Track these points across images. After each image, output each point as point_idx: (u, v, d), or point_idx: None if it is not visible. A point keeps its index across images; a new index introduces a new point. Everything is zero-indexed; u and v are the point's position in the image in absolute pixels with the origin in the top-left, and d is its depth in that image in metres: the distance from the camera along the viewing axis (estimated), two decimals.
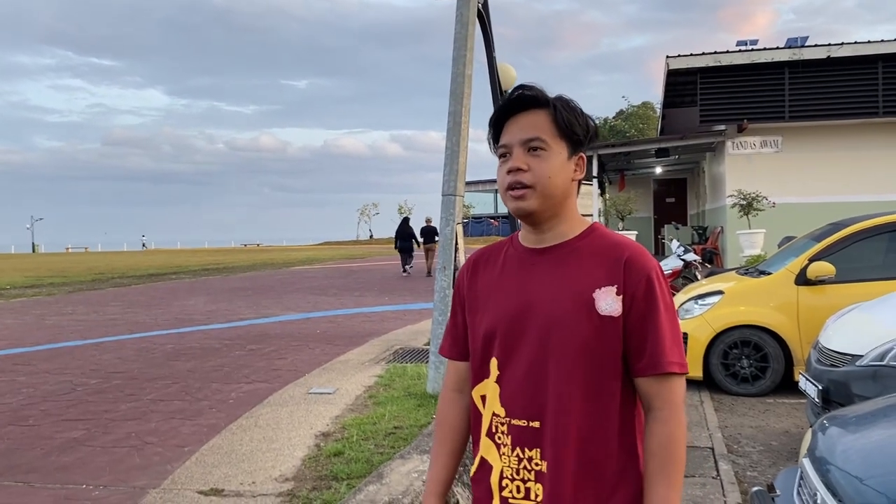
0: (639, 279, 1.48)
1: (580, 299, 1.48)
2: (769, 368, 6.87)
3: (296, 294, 16.18)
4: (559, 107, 1.53)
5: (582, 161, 1.59)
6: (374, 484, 3.50)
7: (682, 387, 1.51)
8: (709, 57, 15.44)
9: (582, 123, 1.55)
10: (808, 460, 2.82)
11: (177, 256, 41.13)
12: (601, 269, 1.50)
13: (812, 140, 15.49)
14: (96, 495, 4.00)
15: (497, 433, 1.55)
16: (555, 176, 1.52)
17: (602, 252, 1.52)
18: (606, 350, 1.48)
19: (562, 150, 1.53)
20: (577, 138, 1.55)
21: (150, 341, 9.45)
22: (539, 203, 1.52)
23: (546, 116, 1.53)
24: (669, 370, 1.48)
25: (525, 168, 1.52)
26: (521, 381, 1.52)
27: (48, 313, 13.10)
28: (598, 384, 1.48)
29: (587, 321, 1.47)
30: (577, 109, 1.57)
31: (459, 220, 6.19)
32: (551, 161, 1.52)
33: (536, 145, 1.51)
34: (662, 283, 1.52)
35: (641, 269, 1.49)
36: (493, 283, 1.61)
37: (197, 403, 5.99)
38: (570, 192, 1.57)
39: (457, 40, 6.25)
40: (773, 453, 5.24)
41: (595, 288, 1.48)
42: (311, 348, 8.62)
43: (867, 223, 6.97)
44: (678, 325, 1.53)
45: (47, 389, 6.67)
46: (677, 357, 1.49)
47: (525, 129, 1.53)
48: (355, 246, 56.60)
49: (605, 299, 1.48)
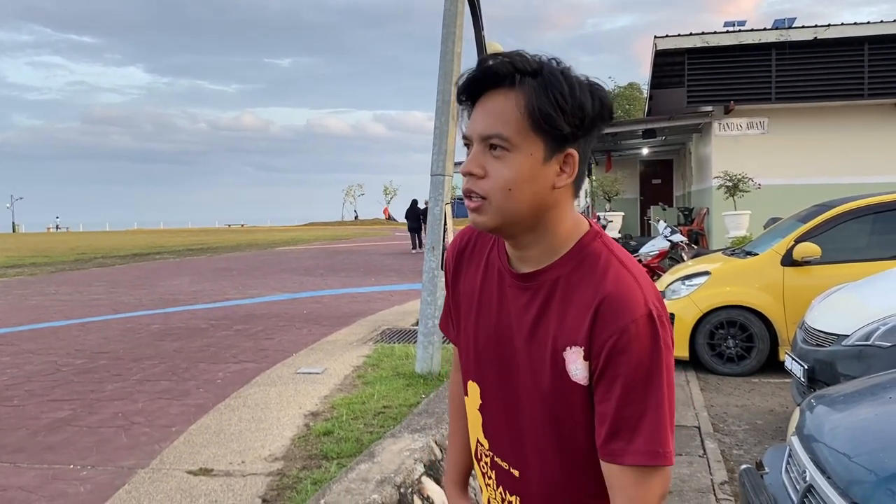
0: (606, 336, 1.13)
1: (553, 357, 1.19)
2: (754, 348, 6.94)
3: (281, 274, 16.12)
4: (531, 88, 1.13)
5: (572, 159, 1.17)
6: (365, 463, 3.50)
7: (659, 483, 1.15)
8: (696, 37, 15.42)
9: (572, 108, 1.13)
10: (796, 438, 2.85)
11: (160, 236, 40.84)
12: (575, 317, 1.18)
13: (798, 122, 15.56)
14: (84, 475, 3.98)
15: (482, 461, 1.41)
16: (519, 187, 1.14)
17: (582, 289, 1.18)
18: (580, 421, 1.20)
19: (534, 150, 1.14)
20: (558, 132, 1.13)
21: (136, 321, 9.38)
22: (497, 220, 1.17)
23: (515, 101, 1.13)
24: (630, 462, 1.13)
25: (480, 173, 1.16)
26: (501, 423, 1.33)
27: (30, 293, 12.97)
28: (579, 450, 1.23)
29: (561, 385, 1.19)
30: (563, 87, 1.13)
31: (448, 201, 6.17)
32: (515, 166, 1.14)
33: (496, 143, 1.14)
34: (643, 337, 1.12)
35: (613, 319, 1.13)
36: (474, 294, 1.35)
37: (184, 383, 5.96)
38: (549, 203, 1.18)
39: (446, 17, 6.20)
40: (758, 432, 5.30)
41: (566, 345, 1.18)
42: (298, 328, 8.60)
43: (853, 205, 7.02)
44: (664, 392, 1.14)
45: (31, 370, 6.61)
46: (647, 444, 1.12)
47: (486, 120, 1.15)
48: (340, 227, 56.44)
49: (574, 363, 1.17)
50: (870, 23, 14.86)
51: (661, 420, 1.13)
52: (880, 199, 6.99)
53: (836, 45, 14.94)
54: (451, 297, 1.45)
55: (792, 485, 2.68)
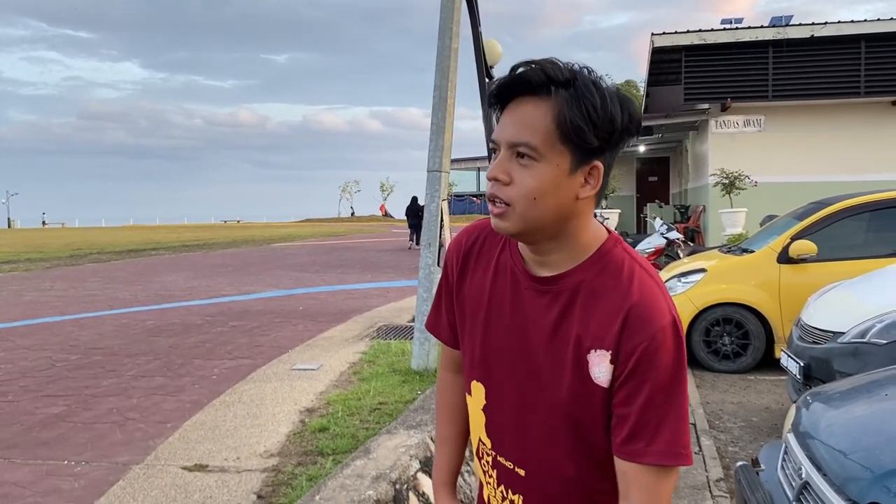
0: (635, 342, 1.17)
1: (576, 358, 1.22)
2: (750, 346, 6.94)
3: (277, 271, 16.10)
4: (563, 99, 1.14)
5: (597, 171, 1.18)
6: (361, 459, 3.49)
7: (670, 481, 1.19)
8: (694, 35, 15.43)
9: (602, 121, 1.13)
10: (792, 435, 2.85)
11: (156, 232, 40.75)
12: (602, 321, 1.20)
13: (794, 119, 15.58)
14: (78, 471, 3.96)
15: (483, 459, 1.41)
16: (544, 196, 1.16)
17: (607, 295, 1.20)
18: (600, 419, 1.23)
19: (561, 161, 1.15)
20: (586, 146, 1.15)
21: (131, 317, 9.36)
22: (520, 227, 1.19)
23: (546, 111, 1.14)
24: (651, 461, 1.17)
25: (506, 180, 1.18)
26: (508, 423, 1.33)
27: (25, 289, 12.93)
28: (591, 451, 1.25)
29: (582, 386, 1.22)
30: (596, 100, 1.13)
31: (445, 197, 6.16)
32: (540, 176, 1.15)
33: (524, 152, 1.15)
34: (669, 346, 1.16)
35: (642, 328, 1.16)
36: (483, 296, 1.35)
37: (179, 380, 5.94)
38: (572, 213, 1.20)
39: (443, 13, 6.18)
40: (753, 429, 5.31)
41: (591, 348, 1.20)
42: (293, 325, 8.59)
43: (849, 202, 7.03)
44: (683, 401, 1.19)
45: (26, 365, 6.59)
46: (669, 444, 1.17)
47: (515, 128, 1.16)
48: (337, 223, 56.39)
49: (599, 366, 1.20)
50: (866, 21, 14.89)
51: (683, 422, 1.19)
52: (876, 197, 7.00)
53: (832, 43, 14.96)
54: (455, 297, 1.42)
55: (788, 482, 2.68)
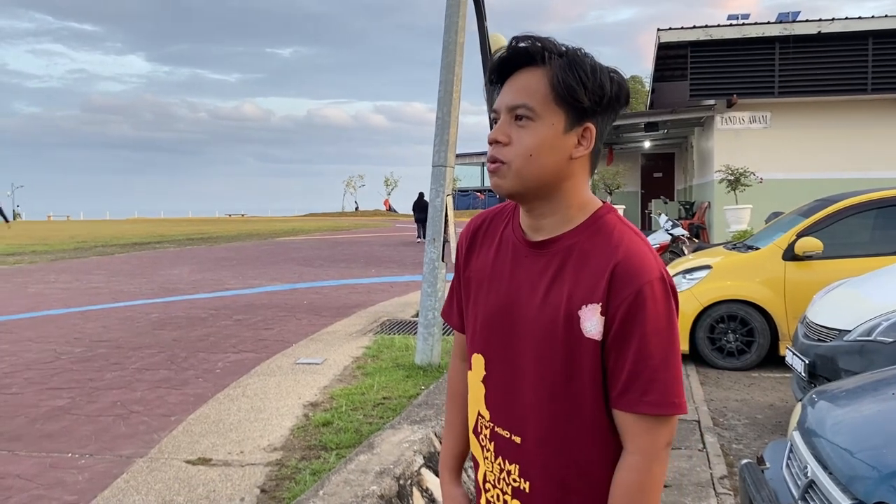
0: (624, 295, 1.22)
1: (567, 316, 1.27)
2: (755, 343, 6.92)
3: (282, 265, 16.11)
4: (557, 65, 1.25)
5: (589, 133, 1.28)
6: (364, 454, 3.49)
7: (667, 430, 1.25)
8: (700, 30, 15.36)
9: (593, 85, 1.25)
10: (797, 433, 2.84)
11: (160, 226, 40.80)
12: (592, 278, 1.26)
13: (801, 116, 15.51)
14: (82, 464, 3.97)
15: (481, 434, 1.44)
16: (540, 153, 1.26)
17: (597, 255, 1.27)
18: (590, 377, 1.27)
19: (556, 121, 1.26)
20: (579, 105, 1.25)
21: (135, 310, 9.37)
22: (516, 184, 1.28)
23: (542, 76, 1.26)
24: (650, 411, 1.23)
25: (505, 141, 1.28)
26: (505, 390, 1.37)
27: (30, 281, 12.96)
28: (582, 413, 1.29)
29: (571, 342, 1.27)
30: (587, 67, 1.25)
31: (450, 192, 6.14)
32: (537, 134, 1.26)
33: (522, 113, 1.26)
34: (658, 297, 1.23)
35: (630, 281, 1.22)
36: (486, 269, 1.42)
37: (183, 373, 5.95)
38: (566, 172, 1.29)
39: (449, 8, 6.15)
40: (758, 426, 5.29)
41: (582, 304, 1.25)
42: (297, 319, 8.59)
43: (855, 199, 6.99)
44: (675, 349, 1.25)
45: (30, 358, 6.60)
46: (662, 395, 1.22)
47: (514, 93, 1.28)
48: (341, 217, 56.39)
49: (590, 319, 1.25)
50: (874, 17, 14.80)
51: (675, 373, 1.25)
52: (883, 195, 6.96)
53: (839, 40, 14.87)
54: (462, 276, 1.49)
55: (793, 480, 2.67)
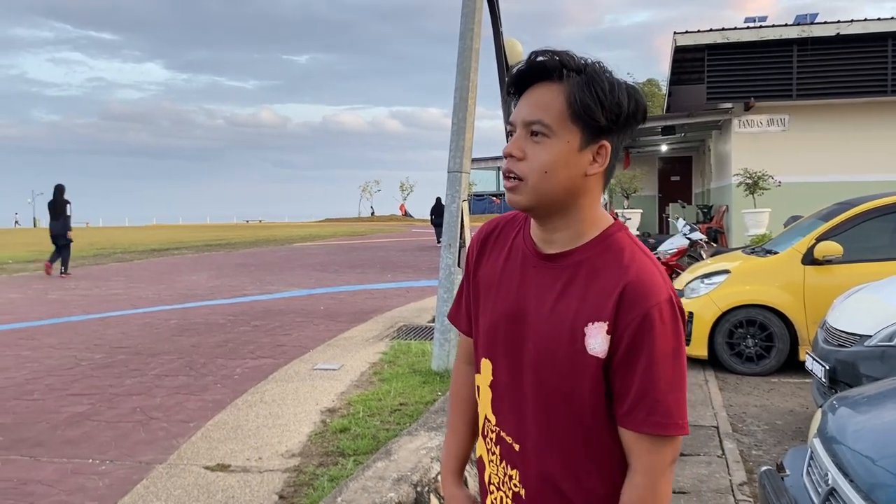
0: (633, 316, 1.23)
1: (572, 331, 1.28)
2: (774, 348, 6.86)
3: (299, 270, 16.18)
4: (575, 82, 1.26)
5: (604, 150, 1.29)
6: (382, 460, 3.49)
7: (671, 449, 1.27)
8: (717, 33, 15.27)
9: (610, 104, 1.25)
10: (818, 440, 2.81)
11: (179, 232, 41.11)
12: (600, 296, 1.27)
13: (819, 119, 15.37)
14: (103, 470, 4.01)
15: (488, 437, 1.46)
16: (554, 170, 1.26)
17: (607, 273, 1.28)
18: (591, 393, 1.28)
19: (571, 138, 1.26)
20: (595, 124, 1.26)
21: (154, 316, 9.45)
22: (531, 200, 1.29)
23: (559, 93, 1.26)
24: (653, 432, 1.24)
25: (520, 156, 1.29)
26: (509, 397, 1.39)
27: (51, 288, 13.11)
28: (581, 428, 1.30)
29: (575, 358, 1.28)
30: (605, 85, 1.26)
31: (465, 197, 6.15)
32: (552, 151, 1.26)
33: (537, 129, 1.27)
34: (666, 320, 1.24)
35: (639, 302, 1.24)
36: (495, 275, 1.43)
37: (202, 379, 5.99)
38: (580, 189, 1.30)
39: (464, 14, 6.17)
40: (777, 432, 5.25)
41: (589, 321, 1.26)
42: (315, 324, 8.62)
43: (875, 203, 6.92)
44: (682, 370, 1.27)
45: (52, 364, 6.68)
46: (667, 416, 1.24)
47: (530, 108, 1.28)
48: (357, 223, 56.54)
49: (596, 337, 1.26)
50: (893, 18, 14.64)
51: (681, 395, 1.26)
52: None
53: (858, 41, 14.73)
54: (472, 281, 1.50)
55: (814, 487, 2.64)
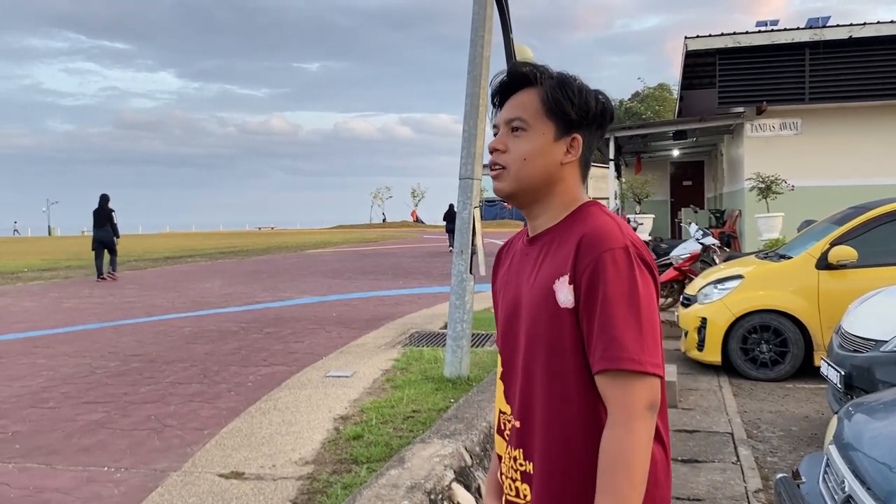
0: (587, 262, 1.35)
1: (546, 292, 1.40)
2: (788, 353, 6.82)
3: (311, 277, 16.22)
4: (547, 84, 1.46)
5: (577, 142, 1.48)
6: (395, 468, 3.49)
7: (642, 389, 1.31)
8: (728, 38, 15.22)
9: (579, 102, 1.45)
10: (834, 447, 2.79)
11: (192, 239, 41.33)
12: (563, 254, 1.40)
13: (832, 122, 15.28)
14: (118, 477, 4.03)
15: (505, 431, 1.54)
16: (532, 158, 1.45)
17: (572, 236, 1.41)
18: (569, 347, 1.38)
19: (546, 131, 1.45)
20: (567, 118, 1.45)
21: (168, 324, 9.50)
22: (513, 186, 1.47)
23: (535, 94, 1.47)
24: (610, 367, 1.31)
25: (502, 149, 1.48)
26: (515, 379, 1.49)
27: (65, 296, 13.20)
28: (568, 386, 1.38)
29: (551, 316, 1.39)
30: (574, 87, 1.46)
31: (477, 204, 6.15)
32: (530, 142, 1.45)
33: (517, 125, 1.47)
34: (620, 264, 1.34)
35: (591, 250, 1.36)
36: (504, 277, 1.59)
37: (215, 386, 6.02)
38: (557, 176, 1.47)
39: (475, 21, 6.18)
40: (793, 439, 5.21)
41: (555, 277, 1.40)
42: (327, 331, 8.64)
43: (890, 206, 6.87)
44: (640, 312, 1.33)
45: (67, 372, 6.72)
46: (621, 351, 1.30)
47: (510, 109, 1.48)
48: (369, 229, 56.66)
49: (562, 290, 1.38)
50: None
51: (638, 335, 1.31)
52: None
53: (871, 44, 14.63)
54: (492, 288, 1.67)
55: (830, 495, 2.62)
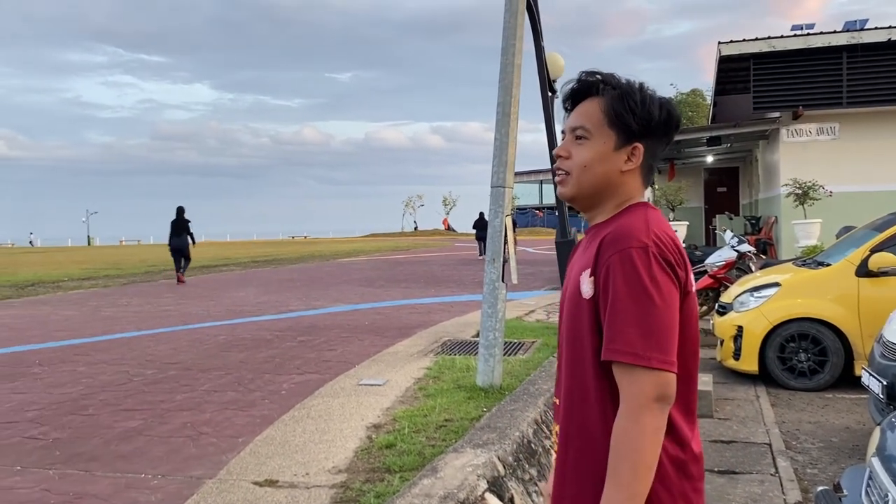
0: (605, 259, 1.45)
1: (576, 283, 1.53)
2: (828, 362, 6.69)
3: (343, 285, 16.32)
4: (610, 95, 1.54)
5: (637, 151, 1.55)
6: (428, 478, 3.49)
7: (648, 383, 1.37)
8: (762, 42, 15.03)
9: (641, 112, 1.52)
10: (877, 459, 2.73)
11: (227, 248, 41.84)
12: (592, 251, 1.51)
13: (871, 126, 14.98)
14: (155, 484, 4.08)
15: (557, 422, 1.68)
16: (592, 165, 1.54)
17: (602, 233, 1.51)
18: (586, 335, 1.49)
19: (607, 140, 1.53)
20: (627, 128, 1.53)
21: (203, 332, 9.62)
22: (574, 190, 1.57)
23: (598, 104, 1.55)
24: (612, 358, 1.41)
25: (566, 155, 1.58)
26: (560, 362, 1.63)
27: (104, 304, 13.44)
28: (584, 370, 1.50)
29: (577, 305, 1.52)
30: (636, 97, 1.53)
31: (509, 212, 6.14)
32: (591, 150, 1.54)
33: (580, 133, 1.56)
34: (636, 262, 1.41)
35: (609, 247, 1.45)
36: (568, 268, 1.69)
37: (250, 394, 6.07)
38: (617, 182, 1.55)
39: (506, 30, 6.19)
40: (833, 450, 5.10)
41: (583, 271, 1.51)
42: (360, 340, 8.68)
43: None
44: (650, 310, 1.39)
45: (105, 380, 6.84)
46: (625, 345, 1.38)
47: (575, 117, 1.57)
48: (401, 237, 56.85)
49: (586, 283, 1.49)
50: None
51: (641, 328, 1.38)
52: None
53: None
54: None
55: None
